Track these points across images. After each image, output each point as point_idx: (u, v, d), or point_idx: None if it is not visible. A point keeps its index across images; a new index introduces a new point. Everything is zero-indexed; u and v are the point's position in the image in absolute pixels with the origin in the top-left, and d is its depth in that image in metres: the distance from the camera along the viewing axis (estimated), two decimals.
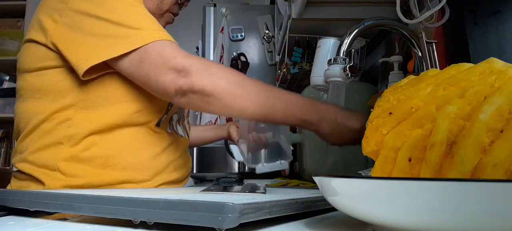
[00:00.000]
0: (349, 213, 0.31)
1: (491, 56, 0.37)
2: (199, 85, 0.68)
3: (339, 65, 0.74)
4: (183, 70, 0.69)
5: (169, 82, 0.69)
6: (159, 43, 0.71)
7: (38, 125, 0.76)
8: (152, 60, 0.70)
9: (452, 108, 0.34)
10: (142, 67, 0.71)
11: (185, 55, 0.71)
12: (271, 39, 1.81)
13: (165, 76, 0.69)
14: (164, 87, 0.70)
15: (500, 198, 0.23)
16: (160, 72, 0.69)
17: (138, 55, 0.70)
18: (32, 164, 0.75)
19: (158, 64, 0.69)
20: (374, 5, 0.96)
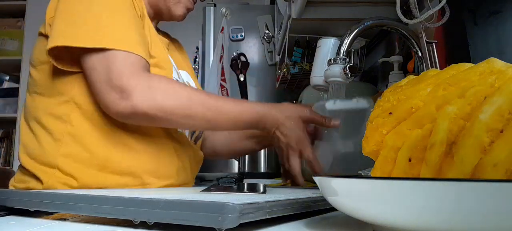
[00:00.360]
0: (349, 213, 0.31)
1: (491, 56, 0.37)
2: (141, 109, 0.66)
3: (339, 65, 0.74)
4: (125, 91, 0.65)
5: (110, 102, 0.66)
6: (120, 53, 0.67)
7: (39, 120, 0.75)
8: (100, 71, 0.67)
9: (452, 108, 0.34)
10: (90, 75, 0.68)
11: (134, 73, 0.67)
12: (271, 39, 1.80)
13: (108, 95, 0.66)
14: (107, 106, 0.67)
15: (500, 198, 0.23)
16: (103, 89, 0.67)
17: (93, 60, 0.67)
18: (33, 160, 0.75)
19: (103, 79, 0.67)
20: (374, 5, 0.96)
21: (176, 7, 0.87)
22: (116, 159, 0.74)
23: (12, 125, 2.70)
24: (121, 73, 0.66)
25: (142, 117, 0.67)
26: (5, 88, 2.80)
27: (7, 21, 2.90)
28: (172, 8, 0.87)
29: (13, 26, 2.88)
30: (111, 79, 0.66)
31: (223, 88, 1.73)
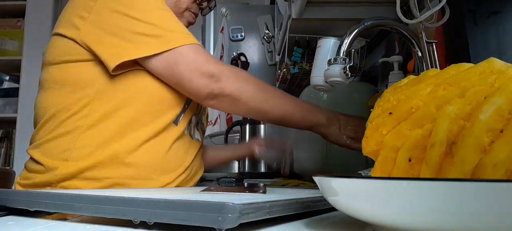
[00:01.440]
0: (349, 213, 0.31)
1: (491, 56, 0.37)
2: (229, 89, 0.76)
3: (339, 65, 0.74)
4: (215, 75, 0.75)
5: (202, 85, 0.75)
6: (192, 47, 0.76)
7: (55, 114, 0.77)
8: (187, 63, 0.75)
9: (452, 108, 0.34)
10: (176, 68, 0.75)
11: (216, 61, 0.77)
12: (271, 39, 1.81)
13: (199, 80, 0.75)
14: (198, 89, 0.75)
15: (500, 198, 0.23)
16: (194, 76, 0.75)
17: (173, 57, 0.75)
18: (44, 152, 0.76)
19: (192, 68, 0.75)
20: (374, 5, 0.96)
21: (180, 19, 0.90)
22: (126, 152, 0.76)
23: (12, 125, 2.70)
24: (208, 61, 0.76)
25: (228, 97, 0.76)
26: (5, 88, 2.80)
27: (7, 21, 2.90)
28: None
29: (13, 26, 2.88)
30: (200, 67, 0.75)
31: None
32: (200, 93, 0.76)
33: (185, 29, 0.78)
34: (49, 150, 0.76)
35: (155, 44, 0.74)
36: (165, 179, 0.80)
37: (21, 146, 2.57)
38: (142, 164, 0.77)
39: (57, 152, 0.75)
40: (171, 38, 0.75)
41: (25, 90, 2.64)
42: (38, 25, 2.75)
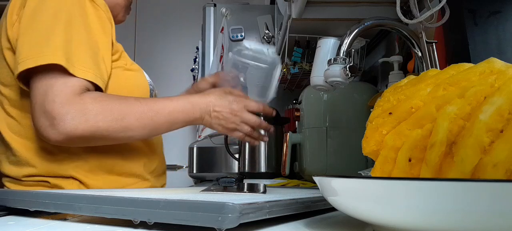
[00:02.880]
0: (349, 213, 0.31)
1: (491, 56, 0.37)
2: (76, 134, 0.67)
3: (339, 65, 0.74)
4: (56, 118, 0.66)
5: (42, 128, 0.67)
6: (51, 76, 0.67)
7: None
8: (37, 93, 0.67)
9: (452, 108, 0.34)
10: (31, 94, 0.68)
11: (68, 100, 0.66)
12: (271, 39, 1.81)
13: (39, 120, 0.67)
14: (39, 131, 0.68)
15: (500, 198, 0.23)
16: (35, 113, 0.67)
17: (32, 77, 0.68)
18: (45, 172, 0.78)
19: (38, 101, 0.67)
20: (374, 5, 0.96)
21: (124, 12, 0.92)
22: (120, 162, 0.79)
23: None
24: (55, 98, 0.66)
25: (79, 138, 0.68)
26: None
27: None
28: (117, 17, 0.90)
29: None
30: (43, 104, 0.66)
31: None
32: (43, 136, 0.69)
33: (82, 53, 0.71)
34: (49, 169, 0.78)
35: (38, 57, 0.69)
36: (155, 180, 0.87)
37: None
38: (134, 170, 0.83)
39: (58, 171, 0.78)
40: (53, 55, 0.68)
41: None
42: None
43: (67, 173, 0.75)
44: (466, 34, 0.78)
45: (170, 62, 2.94)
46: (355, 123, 0.99)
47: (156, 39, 2.97)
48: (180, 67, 2.80)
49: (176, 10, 3.04)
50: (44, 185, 0.76)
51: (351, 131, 0.99)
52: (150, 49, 2.96)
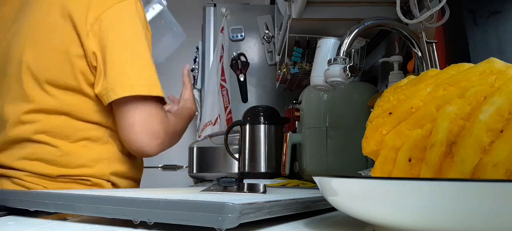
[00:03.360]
0: (349, 213, 0.31)
1: (491, 56, 0.37)
2: (162, 151, 0.84)
3: (339, 65, 0.74)
4: (160, 139, 0.82)
5: (141, 142, 0.81)
6: (154, 103, 0.84)
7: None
8: (140, 114, 0.81)
9: (452, 108, 0.34)
10: (128, 112, 0.83)
11: (168, 126, 0.85)
12: (271, 39, 1.80)
13: (140, 136, 0.81)
14: (137, 144, 0.82)
15: (500, 198, 0.23)
16: (136, 130, 0.81)
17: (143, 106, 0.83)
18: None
19: (142, 121, 0.81)
20: (374, 5, 0.96)
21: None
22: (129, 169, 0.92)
23: None
24: (160, 123, 0.83)
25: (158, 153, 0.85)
26: None
27: None
28: None
29: None
30: (149, 126, 0.81)
31: (223, 88, 1.73)
32: (143, 152, 0.86)
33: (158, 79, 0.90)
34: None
35: (142, 87, 0.86)
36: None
37: None
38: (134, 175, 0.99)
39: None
40: (152, 86, 0.86)
41: None
42: None
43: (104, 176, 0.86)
44: (466, 34, 0.78)
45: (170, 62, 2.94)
46: (355, 123, 0.99)
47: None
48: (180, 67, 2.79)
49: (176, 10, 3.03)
50: (84, 183, 0.85)
51: (351, 131, 0.99)
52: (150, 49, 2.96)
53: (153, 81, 0.81)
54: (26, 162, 0.82)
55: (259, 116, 1.27)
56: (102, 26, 0.78)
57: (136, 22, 0.81)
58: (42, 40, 0.79)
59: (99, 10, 0.78)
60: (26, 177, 0.82)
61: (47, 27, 0.80)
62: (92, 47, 0.78)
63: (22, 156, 0.82)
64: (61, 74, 0.79)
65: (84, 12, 0.78)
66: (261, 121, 1.26)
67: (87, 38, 0.77)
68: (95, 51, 0.78)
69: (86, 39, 0.77)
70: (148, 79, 0.81)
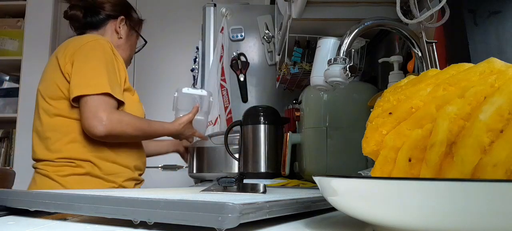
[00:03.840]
0: (349, 213, 0.31)
1: (491, 56, 0.37)
2: (112, 133, 1.12)
3: (339, 65, 0.74)
4: (104, 121, 1.11)
5: (92, 127, 1.11)
6: (101, 97, 1.12)
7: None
8: (91, 105, 1.12)
9: (452, 108, 0.34)
10: (85, 105, 1.13)
11: (112, 112, 1.13)
12: (271, 39, 1.80)
13: (91, 122, 1.11)
14: (89, 129, 1.12)
15: (500, 198, 0.23)
16: (87, 116, 1.12)
17: (87, 99, 1.12)
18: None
19: (92, 110, 1.11)
20: (374, 5, 0.96)
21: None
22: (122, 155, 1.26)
23: (12, 125, 2.70)
24: (105, 110, 1.12)
25: (111, 137, 1.15)
26: (5, 88, 2.79)
27: (7, 21, 2.89)
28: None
29: (13, 26, 2.88)
30: (97, 113, 1.11)
31: (223, 88, 1.73)
32: (90, 132, 1.14)
33: (105, 80, 1.16)
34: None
35: (86, 88, 1.14)
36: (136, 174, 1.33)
37: (21, 146, 2.57)
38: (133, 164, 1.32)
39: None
40: (97, 86, 1.14)
41: (25, 90, 2.64)
42: (38, 25, 2.75)
43: (85, 158, 1.17)
44: (466, 34, 0.78)
45: (170, 62, 2.94)
46: (355, 123, 0.99)
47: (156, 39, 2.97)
48: (180, 67, 2.80)
49: (176, 10, 3.04)
50: (70, 165, 1.16)
51: (351, 131, 0.99)
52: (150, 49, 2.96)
53: (100, 83, 1.13)
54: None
55: (259, 116, 1.27)
56: (73, 56, 1.17)
57: (96, 48, 1.17)
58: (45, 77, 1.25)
59: (73, 49, 1.18)
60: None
61: (47, 69, 1.26)
62: (67, 70, 1.17)
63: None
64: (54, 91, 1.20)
65: (65, 54, 1.19)
66: (261, 121, 1.26)
67: (64, 67, 1.17)
68: (68, 72, 1.16)
69: (64, 68, 1.17)
70: (95, 81, 1.13)
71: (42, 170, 1.18)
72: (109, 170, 1.20)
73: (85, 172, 1.17)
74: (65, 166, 1.16)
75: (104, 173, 1.19)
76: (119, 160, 1.23)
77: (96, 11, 1.33)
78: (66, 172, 1.16)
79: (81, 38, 1.22)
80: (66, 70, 1.16)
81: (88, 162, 1.18)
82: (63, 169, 1.16)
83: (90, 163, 1.18)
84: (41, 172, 1.18)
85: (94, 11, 1.33)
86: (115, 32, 1.36)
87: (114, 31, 1.36)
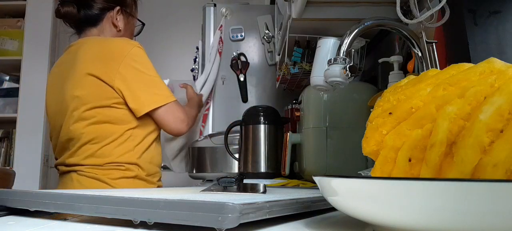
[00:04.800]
0: (349, 213, 0.31)
1: (491, 56, 0.37)
2: (188, 126, 1.28)
3: (339, 65, 0.74)
4: (185, 121, 1.25)
5: (178, 128, 1.25)
6: (175, 103, 1.25)
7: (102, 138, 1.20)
8: (169, 113, 1.23)
9: (452, 108, 0.34)
10: (166, 115, 1.24)
11: (185, 114, 1.27)
12: (271, 39, 1.80)
13: (175, 123, 1.24)
14: (175, 129, 1.25)
15: (500, 198, 0.23)
16: (170, 120, 1.24)
17: (166, 108, 1.22)
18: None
19: (173, 116, 1.24)
20: (374, 5, 0.96)
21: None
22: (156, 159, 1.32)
23: (12, 125, 2.70)
24: (182, 113, 1.26)
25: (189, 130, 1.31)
26: (5, 88, 2.79)
27: (7, 21, 2.89)
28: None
29: (13, 26, 2.88)
30: (179, 117, 1.25)
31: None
32: (178, 132, 1.27)
33: (168, 89, 1.27)
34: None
35: (160, 99, 1.21)
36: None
37: (21, 146, 2.57)
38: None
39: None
40: (167, 96, 1.23)
41: (25, 90, 2.64)
42: (38, 25, 2.75)
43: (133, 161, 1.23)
44: (466, 34, 0.78)
45: (170, 62, 2.94)
46: (355, 123, 0.99)
47: (156, 39, 2.97)
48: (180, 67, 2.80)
49: (176, 10, 3.04)
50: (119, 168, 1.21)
51: (351, 131, 0.99)
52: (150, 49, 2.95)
53: (167, 93, 1.28)
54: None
55: (259, 116, 1.27)
56: (120, 70, 1.23)
57: (140, 56, 1.28)
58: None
59: (116, 62, 1.25)
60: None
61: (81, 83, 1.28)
62: (118, 85, 1.24)
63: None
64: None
65: (106, 68, 1.25)
66: (261, 121, 1.26)
67: (113, 82, 1.24)
68: (119, 87, 1.23)
69: (112, 83, 1.25)
70: (165, 92, 1.28)
71: (90, 173, 1.19)
72: (150, 171, 1.26)
73: (134, 175, 1.21)
74: (114, 169, 1.20)
75: (147, 174, 1.24)
76: (155, 160, 1.29)
77: (89, 5, 1.29)
78: (116, 175, 1.19)
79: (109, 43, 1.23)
80: (117, 85, 1.18)
81: (135, 165, 1.22)
82: (113, 172, 1.19)
83: (136, 166, 1.22)
84: (87, 175, 1.19)
85: (87, 5, 1.29)
86: (113, 26, 1.33)
87: (112, 24, 1.33)
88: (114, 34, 1.33)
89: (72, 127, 1.21)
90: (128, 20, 1.38)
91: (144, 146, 1.24)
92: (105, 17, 1.31)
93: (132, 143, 1.22)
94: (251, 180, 1.13)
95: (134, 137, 1.22)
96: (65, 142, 1.24)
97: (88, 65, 1.19)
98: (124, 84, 1.18)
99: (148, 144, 1.26)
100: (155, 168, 1.29)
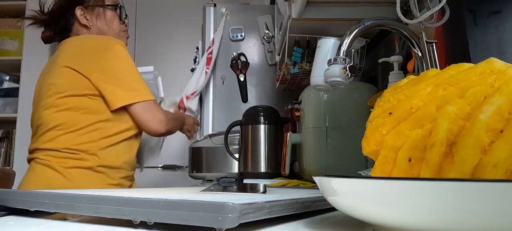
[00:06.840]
0: (349, 213, 0.31)
1: (491, 56, 0.37)
2: (167, 129, 1.28)
3: (339, 65, 0.74)
4: (163, 122, 1.25)
5: (155, 127, 1.25)
6: (152, 102, 1.25)
7: (68, 126, 1.19)
8: (144, 111, 1.23)
9: (452, 108, 0.34)
10: (144, 113, 1.24)
11: (164, 113, 1.30)
12: (271, 39, 1.80)
13: (152, 122, 1.24)
14: (152, 128, 1.25)
15: (500, 198, 0.23)
16: (147, 118, 1.24)
17: (145, 105, 1.23)
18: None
19: (150, 113, 1.24)
20: (374, 5, 0.96)
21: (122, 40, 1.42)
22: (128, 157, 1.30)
23: (12, 125, 2.70)
24: (159, 113, 1.27)
25: (167, 133, 1.32)
26: (5, 88, 2.79)
27: (7, 21, 2.89)
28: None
29: (13, 26, 2.88)
30: (156, 116, 1.25)
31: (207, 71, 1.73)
32: (155, 132, 1.27)
33: (148, 89, 1.26)
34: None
35: (137, 96, 1.21)
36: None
37: (21, 146, 2.57)
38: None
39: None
40: (145, 94, 1.23)
41: (25, 90, 2.64)
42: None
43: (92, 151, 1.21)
44: (466, 34, 0.78)
45: (170, 62, 2.94)
46: (355, 123, 0.99)
47: (156, 39, 2.97)
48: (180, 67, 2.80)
49: (176, 10, 3.04)
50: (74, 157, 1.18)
51: (351, 131, 0.99)
52: (150, 49, 2.96)
53: (146, 90, 1.28)
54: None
55: (259, 116, 1.27)
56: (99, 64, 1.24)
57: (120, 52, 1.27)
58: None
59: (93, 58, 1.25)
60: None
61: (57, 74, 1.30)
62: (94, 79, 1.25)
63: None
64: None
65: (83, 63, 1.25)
66: (261, 121, 1.26)
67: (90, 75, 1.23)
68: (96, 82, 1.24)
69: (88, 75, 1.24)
70: (143, 89, 1.27)
71: (44, 160, 1.17)
72: (112, 164, 1.22)
73: (89, 166, 1.18)
74: (68, 158, 1.17)
75: (105, 166, 1.20)
76: (123, 157, 1.26)
77: (55, 21, 1.35)
78: (70, 164, 1.16)
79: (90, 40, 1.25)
80: (94, 78, 1.18)
81: (93, 155, 1.19)
82: (67, 161, 1.17)
83: (94, 156, 1.19)
84: (41, 162, 1.17)
85: (55, 22, 1.35)
86: (84, 27, 1.32)
87: (82, 26, 1.32)
88: (95, 31, 1.33)
89: (43, 112, 1.21)
90: (98, 12, 1.34)
91: (113, 140, 1.22)
92: (73, 23, 1.32)
93: (98, 135, 1.20)
94: (251, 180, 1.13)
95: (103, 129, 1.20)
96: (35, 129, 1.24)
97: (66, 59, 1.21)
98: (103, 78, 1.17)
99: (118, 140, 1.23)
100: (121, 165, 1.25)
